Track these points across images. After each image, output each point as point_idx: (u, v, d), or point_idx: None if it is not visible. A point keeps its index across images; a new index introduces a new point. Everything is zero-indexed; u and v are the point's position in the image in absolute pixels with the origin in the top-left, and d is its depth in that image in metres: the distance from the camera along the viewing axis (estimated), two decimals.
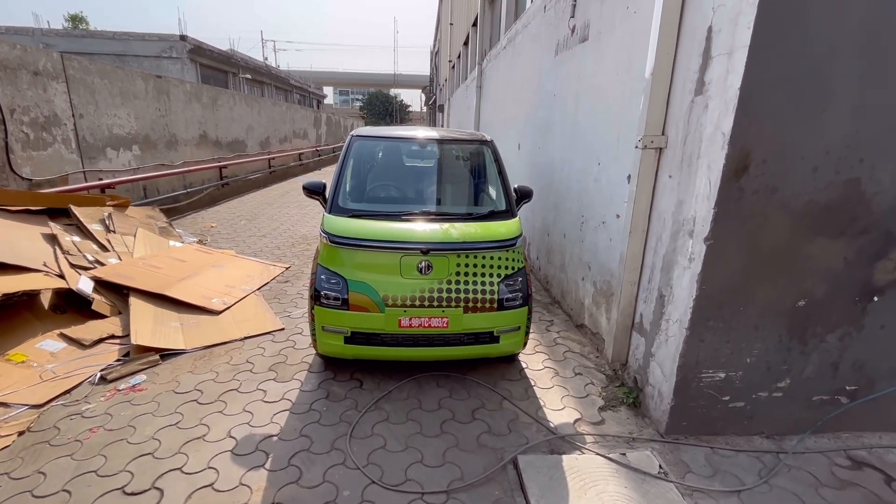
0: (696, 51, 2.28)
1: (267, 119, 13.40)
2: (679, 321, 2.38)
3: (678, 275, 2.41)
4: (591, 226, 3.65)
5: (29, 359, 3.06)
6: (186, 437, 2.45)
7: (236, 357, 3.33)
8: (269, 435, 2.49)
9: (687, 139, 2.37)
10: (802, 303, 2.31)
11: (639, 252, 2.78)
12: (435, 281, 2.79)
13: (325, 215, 3.03)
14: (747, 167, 2.07)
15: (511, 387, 3.04)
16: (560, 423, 2.67)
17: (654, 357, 2.64)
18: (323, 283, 2.81)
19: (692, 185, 2.30)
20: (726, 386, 2.44)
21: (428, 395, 2.91)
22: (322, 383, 3.01)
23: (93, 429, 2.50)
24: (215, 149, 9.90)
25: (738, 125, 2.01)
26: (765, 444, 2.50)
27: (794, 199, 2.14)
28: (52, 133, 5.39)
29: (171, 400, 2.78)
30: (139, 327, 3.43)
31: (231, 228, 7.43)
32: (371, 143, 3.75)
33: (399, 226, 2.91)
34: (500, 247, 2.92)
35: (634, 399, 2.82)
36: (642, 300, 2.82)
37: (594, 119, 3.62)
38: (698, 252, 2.23)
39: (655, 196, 2.68)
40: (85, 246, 4.36)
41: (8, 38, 16.38)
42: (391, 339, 2.81)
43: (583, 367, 3.30)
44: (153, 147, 7.51)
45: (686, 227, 2.34)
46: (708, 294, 2.25)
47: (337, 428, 2.57)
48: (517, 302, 2.90)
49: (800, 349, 2.39)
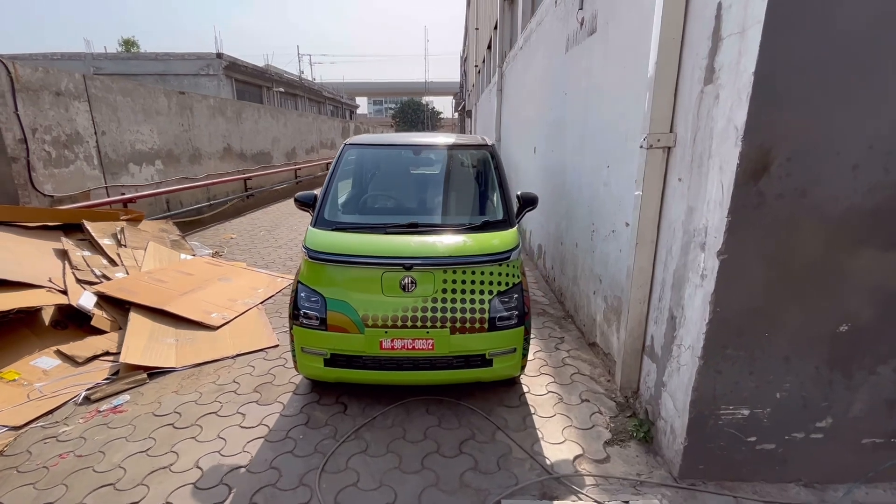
0: (705, 32, 1.95)
1: (293, 130, 13.64)
2: (691, 348, 2.04)
3: (690, 294, 2.07)
4: (601, 234, 3.31)
5: (21, 376, 3.06)
6: (153, 466, 2.33)
7: (224, 376, 3.22)
8: (237, 466, 2.33)
9: (696, 136, 2.03)
10: (845, 328, 1.91)
11: (647, 266, 2.45)
12: (419, 299, 2.56)
13: (309, 229, 2.87)
14: (767, 167, 1.73)
15: (508, 415, 2.76)
16: (557, 461, 2.37)
17: (665, 387, 2.30)
18: (302, 301, 2.64)
19: (703, 190, 1.96)
20: (751, 425, 2.06)
21: (414, 423, 2.67)
22: (305, 407, 2.83)
23: (63, 454, 2.42)
24: (240, 161, 10.11)
25: (754, 117, 1.68)
26: (802, 495, 2.10)
27: (829, 203, 1.77)
28: (73, 151, 5.57)
29: (148, 423, 2.68)
30: (131, 344, 3.38)
31: (249, 240, 7.49)
32: (364, 151, 3.58)
33: (381, 239, 2.71)
34: (492, 261, 2.66)
35: (646, 433, 2.47)
36: (653, 320, 2.47)
37: (603, 117, 3.30)
38: (711, 268, 1.89)
39: (664, 202, 2.34)
40: (94, 260, 4.42)
41: (63, 63, 17.64)
42: (373, 363, 2.60)
43: (591, 392, 2.97)
44: (176, 161, 7.70)
45: (697, 238, 2.01)
46: (723, 317, 1.90)
47: (310, 460, 2.37)
48: (512, 321, 2.62)
49: (844, 383, 1.99)
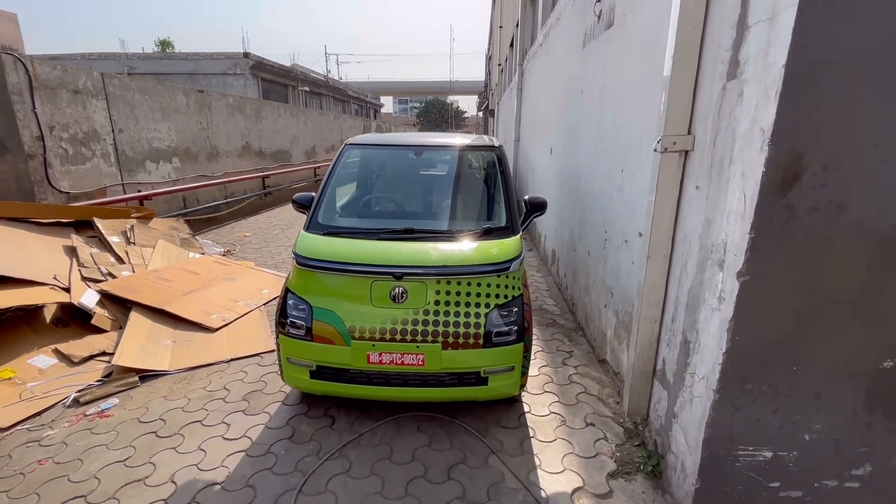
0: (729, 21, 1.71)
1: (313, 129, 13.70)
2: (706, 378, 1.80)
3: (705, 317, 1.83)
4: (613, 244, 3.07)
5: (16, 375, 3.04)
6: (128, 478, 2.24)
7: (215, 381, 3.13)
8: (212, 483, 2.21)
9: (717, 139, 1.79)
10: (890, 364, 1.64)
11: (660, 282, 2.21)
12: (410, 311, 2.39)
13: (300, 233, 2.75)
14: (799, 176, 1.48)
15: (504, 437, 2.56)
16: (554, 493, 2.16)
17: (676, 419, 2.06)
18: (290, 309, 2.51)
19: (723, 200, 1.72)
20: (775, 469, 1.81)
21: (403, 442, 2.51)
22: (291, 419, 2.71)
23: (42, 461, 2.36)
24: (258, 159, 10.18)
25: (784, 117, 1.43)
26: None
27: (873, 219, 1.51)
28: (90, 148, 5.64)
29: (131, 430, 2.60)
30: (127, 345, 3.34)
31: (263, 238, 7.49)
32: (365, 151, 3.44)
33: (372, 246, 2.55)
34: (490, 271, 2.47)
35: (654, 467, 2.23)
36: (665, 343, 2.23)
37: (618, 117, 3.05)
38: (730, 290, 1.65)
39: (680, 212, 2.10)
40: (102, 258, 4.43)
41: (99, 63, 18.27)
42: (360, 376, 2.45)
43: (598, 415, 2.74)
44: (194, 159, 7.77)
45: (715, 254, 1.77)
46: (744, 347, 1.66)
47: (289, 479, 2.24)
48: (510, 337, 2.43)
49: (887, 426, 1.72)
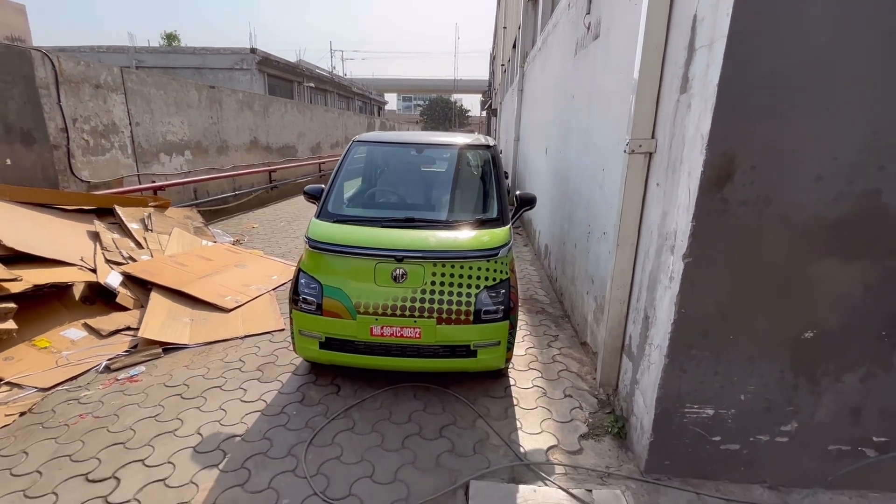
0: (682, 43, 2.02)
1: (319, 125, 14.01)
2: (659, 347, 2.12)
3: (660, 295, 2.14)
4: (595, 236, 3.38)
5: (52, 345, 3.37)
6: (159, 430, 2.56)
7: (231, 354, 3.45)
8: (233, 435, 2.54)
9: (672, 143, 2.11)
10: (810, 334, 1.96)
11: (628, 268, 2.52)
12: (409, 290, 2.71)
13: (312, 220, 3.06)
14: (731, 175, 1.79)
15: (491, 404, 2.88)
16: (531, 449, 2.48)
17: (638, 384, 2.38)
18: (302, 287, 2.82)
19: (675, 195, 2.04)
20: (716, 424, 2.13)
21: (401, 407, 2.83)
22: (301, 386, 3.03)
23: (82, 415, 2.68)
24: (266, 153, 10.49)
25: (718, 126, 1.75)
26: (765, 496, 2.15)
27: (794, 212, 1.82)
28: (110, 140, 5.96)
29: (158, 392, 2.93)
30: (151, 321, 3.66)
31: (270, 230, 7.81)
32: (371, 148, 3.75)
33: (377, 232, 2.87)
34: (480, 256, 2.78)
35: (620, 429, 2.55)
36: (632, 320, 2.55)
37: (601, 121, 3.36)
38: (677, 270, 1.97)
39: (645, 206, 2.41)
40: (122, 243, 4.75)
41: (108, 56, 18.57)
42: (364, 347, 2.77)
43: (575, 388, 3.06)
44: (204, 152, 8.09)
45: (668, 241, 2.08)
46: (688, 318, 1.97)
47: (300, 433, 2.56)
48: (497, 315, 2.74)
49: (809, 388, 2.03)
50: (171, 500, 2.08)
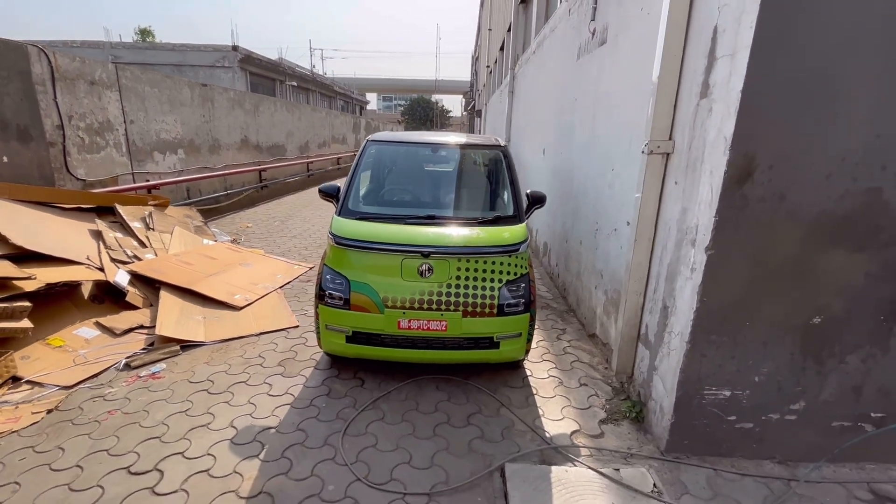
0: (702, 52, 2.19)
1: (307, 124, 13.92)
2: (680, 334, 2.28)
3: (680, 285, 2.30)
4: (604, 233, 3.55)
5: (66, 344, 3.34)
6: (192, 424, 2.59)
7: (250, 351, 3.48)
8: (267, 427, 2.59)
9: (692, 144, 2.27)
10: (818, 319, 2.15)
11: (644, 261, 2.68)
12: (435, 284, 2.80)
13: (334, 218, 3.13)
14: (751, 173, 1.96)
15: (511, 394, 3.00)
16: (556, 434, 2.61)
17: (657, 371, 2.54)
18: (328, 282, 2.89)
19: (696, 192, 2.20)
20: (732, 405, 2.30)
21: (426, 398, 2.92)
22: (325, 380, 3.09)
23: (111, 411, 2.69)
24: (256, 153, 10.40)
25: (741, 129, 1.91)
26: (775, 470, 2.33)
27: (804, 208, 2.00)
28: (104, 138, 5.85)
29: (184, 388, 2.95)
30: (164, 319, 3.66)
31: (265, 229, 7.77)
32: (386, 147, 3.83)
33: (402, 229, 2.96)
34: (502, 252, 2.90)
35: (637, 413, 2.71)
36: (648, 311, 2.71)
37: (609, 123, 3.53)
38: (699, 262, 2.13)
39: (662, 203, 2.58)
40: (126, 242, 4.70)
41: (82, 51, 17.99)
42: (391, 341, 2.85)
43: (589, 378, 3.21)
44: (197, 151, 7.99)
45: (689, 235, 2.24)
46: (709, 307, 2.14)
47: (333, 424, 2.63)
48: (519, 308, 2.86)
49: (815, 370, 2.22)
50: (217, 489, 2.13)
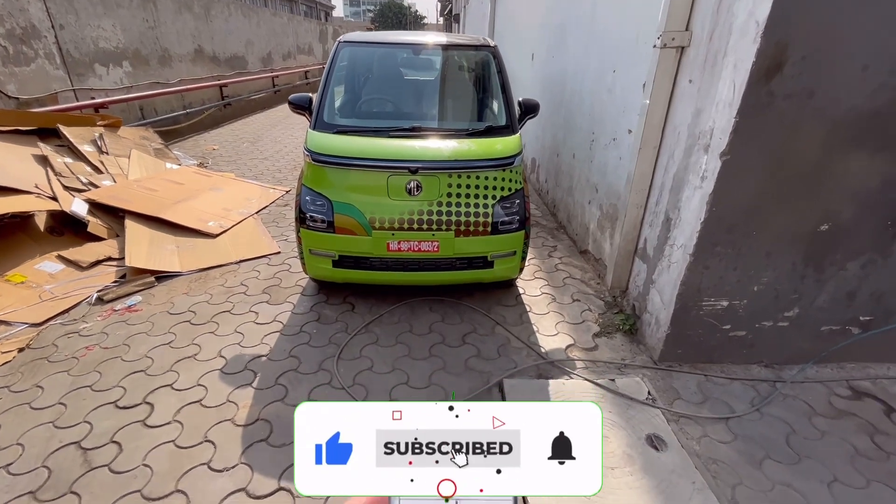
0: None
1: (267, 32, 12.53)
2: (684, 246, 2.20)
3: (688, 195, 2.17)
4: (601, 143, 3.33)
5: (28, 279, 3.10)
6: (178, 356, 2.50)
7: (231, 280, 3.32)
8: (258, 355, 2.52)
9: (714, 34, 2.00)
10: (825, 227, 2.07)
11: (648, 171, 2.52)
12: (425, 202, 2.61)
13: (309, 132, 2.81)
14: (781, 65, 1.74)
15: (505, 312, 2.98)
16: (551, 349, 2.62)
17: (654, 284, 2.50)
18: (308, 204, 2.67)
19: (714, 90, 1.98)
20: (728, 314, 2.30)
21: (420, 320, 2.87)
22: (314, 306, 3.00)
23: (89, 346, 2.56)
24: (213, 65, 9.38)
25: (777, 11, 1.65)
26: (762, 373, 2.41)
27: (832, 105, 1.82)
28: (32, 46, 5.08)
29: (165, 320, 2.81)
30: (134, 250, 3.42)
31: (233, 151, 7.23)
32: (360, 49, 3.39)
33: (386, 143, 2.68)
34: (496, 166, 2.69)
35: (631, 326, 2.72)
36: (647, 224, 2.61)
37: (611, 18, 3.15)
38: (712, 169, 1.97)
39: (672, 106, 2.35)
40: (77, 167, 4.26)
41: None
42: (380, 264, 2.72)
43: (582, 293, 3.20)
44: (145, 63, 7.11)
45: (702, 140, 2.06)
46: (718, 216, 2.03)
47: (326, 349, 2.58)
48: (513, 226, 2.73)
49: (815, 277, 2.20)
50: (212, 418, 2.08)
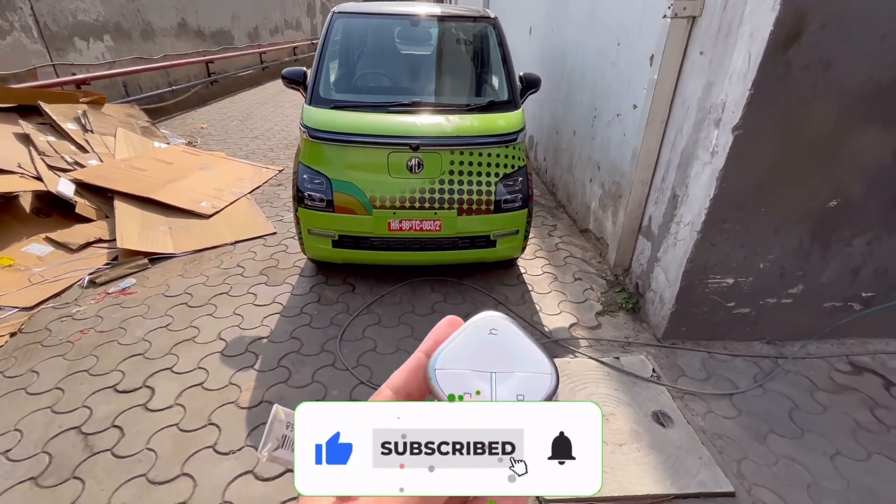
0: None
1: (253, 5, 12.06)
2: (691, 223, 2.17)
3: (696, 172, 2.13)
4: (603, 120, 3.26)
5: (16, 262, 3.01)
6: (176, 339, 2.45)
7: (227, 261, 3.25)
8: (259, 337, 2.47)
9: (729, 2, 1.93)
10: (834, 203, 2.05)
11: (654, 147, 2.47)
12: (426, 180, 2.55)
13: (305, 107, 2.72)
14: (800, 34, 1.69)
15: (507, 292, 2.95)
16: (555, 328, 2.61)
17: (659, 262, 2.48)
18: (306, 183, 2.59)
19: (727, 62, 1.92)
20: (733, 292, 2.29)
21: (421, 300, 2.84)
22: (314, 287, 2.95)
23: (84, 330, 2.49)
24: (198, 40, 9.04)
25: None
26: (764, 350, 2.43)
27: (849, 77, 1.77)
28: (7, 18, 4.82)
29: (161, 303, 2.75)
30: (125, 231, 3.32)
31: (222, 129, 7.03)
32: (356, 21, 3.25)
33: (386, 118, 2.60)
34: (498, 142, 2.62)
35: (634, 304, 2.72)
36: (653, 202, 2.57)
37: None
38: (723, 144, 1.93)
39: (681, 79, 2.29)
40: (62, 146, 4.10)
41: None
42: (381, 243, 2.66)
43: (583, 272, 3.18)
44: (127, 37, 6.82)
45: (713, 114, 2.01)
46: (728, 193, 2.00)
47: (327, 331, 2.54)
48: (516, 204, 2.68)
49: (821, 254, 2.19)
50: (214, 401, 2.05)
